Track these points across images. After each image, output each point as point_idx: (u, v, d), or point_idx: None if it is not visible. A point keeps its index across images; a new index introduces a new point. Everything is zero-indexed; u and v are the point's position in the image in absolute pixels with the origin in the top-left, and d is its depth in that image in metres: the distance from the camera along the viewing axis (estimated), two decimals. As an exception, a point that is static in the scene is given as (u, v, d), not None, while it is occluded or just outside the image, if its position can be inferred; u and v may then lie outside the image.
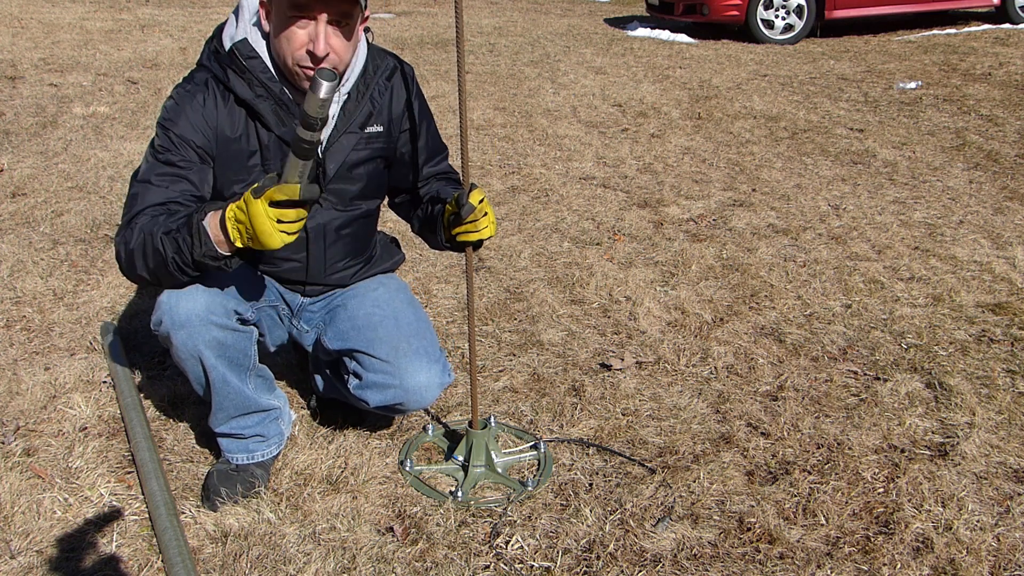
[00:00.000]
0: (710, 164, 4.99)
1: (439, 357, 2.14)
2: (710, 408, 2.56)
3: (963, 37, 9.03)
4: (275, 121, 1.96)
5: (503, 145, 5.32)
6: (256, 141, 1.99)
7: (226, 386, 2.01)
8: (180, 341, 1.90)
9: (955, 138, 5.49)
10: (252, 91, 1.94)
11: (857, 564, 1.92)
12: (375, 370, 2.10)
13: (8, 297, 3.17)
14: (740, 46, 8.93)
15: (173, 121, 1.92)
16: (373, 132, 2.10)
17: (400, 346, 2.09)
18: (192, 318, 1.88)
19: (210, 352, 1.93)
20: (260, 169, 2.00)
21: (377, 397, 2.12)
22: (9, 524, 1.99)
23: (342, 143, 2.06)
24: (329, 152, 2.05)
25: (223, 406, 2.05)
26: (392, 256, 2.38)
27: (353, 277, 2.26)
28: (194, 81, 1.98)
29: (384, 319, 2.13)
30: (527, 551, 1.96)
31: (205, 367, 1.95)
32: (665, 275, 3.49)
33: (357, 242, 2.23)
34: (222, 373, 1.98)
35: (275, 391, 2.20)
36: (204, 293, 1.90)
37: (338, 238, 2.17)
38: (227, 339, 1.95)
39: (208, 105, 1.95)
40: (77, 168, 4.64)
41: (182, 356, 1.94)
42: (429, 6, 12.39)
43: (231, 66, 1.93)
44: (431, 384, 2.10)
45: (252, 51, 1.93)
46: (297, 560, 1.91)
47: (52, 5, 10.68)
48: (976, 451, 2.32)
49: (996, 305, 3.21)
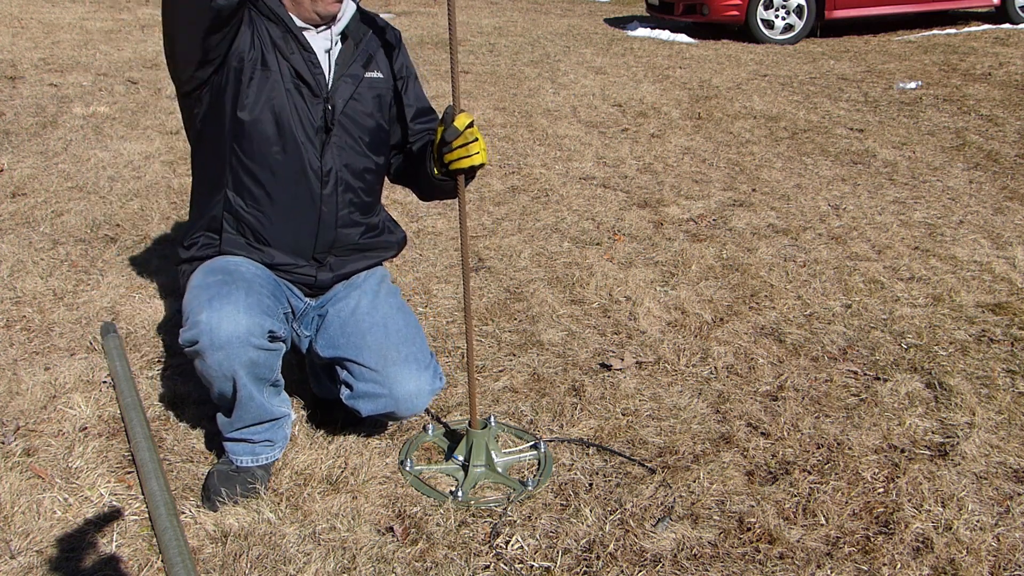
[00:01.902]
0: (710, 164, 4.99)
1: (429, 363, 2.14)
2: (710, 408, 2.56)
3: (963, 37, 9.03)
4: (284, 47, 2.03)
5: (503, 145, 5.32)
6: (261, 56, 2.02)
7: (251, 402, 2.03)
8: (216, 361, 1.91)
9: (955, 138, 5.49)
10: (265, 16, 2.01)
11: (857, 564, 1.92)
12: (364, 379, 2.10)
13: (8, 297, 3.17)
14: (740, 46, 8.93)
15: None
16: (374, 77, 2.16)
17: (389, 354, 2.09)
18: (233, 340, 1.89)
19: (244, 372, 1.94)
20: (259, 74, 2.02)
21: (368, 407, 2.12)
22: (9, 524, 1.99)
23: (346, 82, 2.10)
24: (335, 89, 2.08)
25: (242, 417, 2.06)
26: (395, 231, 2.38)
27: (361, 237, 2.23)
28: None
29: (373, 326, 2.13)
30: (527, 551, 1.96)
31: (236, 386, 1.97)
32: (665, 275, 3.49)
33: (365, 196, 2.22)
34: (250, 391, 2.00)
35: (283, 396, 2.19)
36: (245, 315, 1.90)
37: (348, 188, 2.16)
38: (260, 358, 1.96)
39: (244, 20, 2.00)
40: (77, 168, 4.64)
41: (214, 375, 1.94)
42: (429, 6, 12.39)
43: None
44: (421, 391, 2.10)
45: None
46: (297, 560, 1.91)
47: (52, 5, 10.68)
48: (976, 451, 2.32)
49: (996, 305, 3.21)
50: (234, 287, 1.94)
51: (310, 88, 2.05)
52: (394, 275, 3.41)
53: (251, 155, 2.05)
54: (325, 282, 2.22)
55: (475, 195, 4.38)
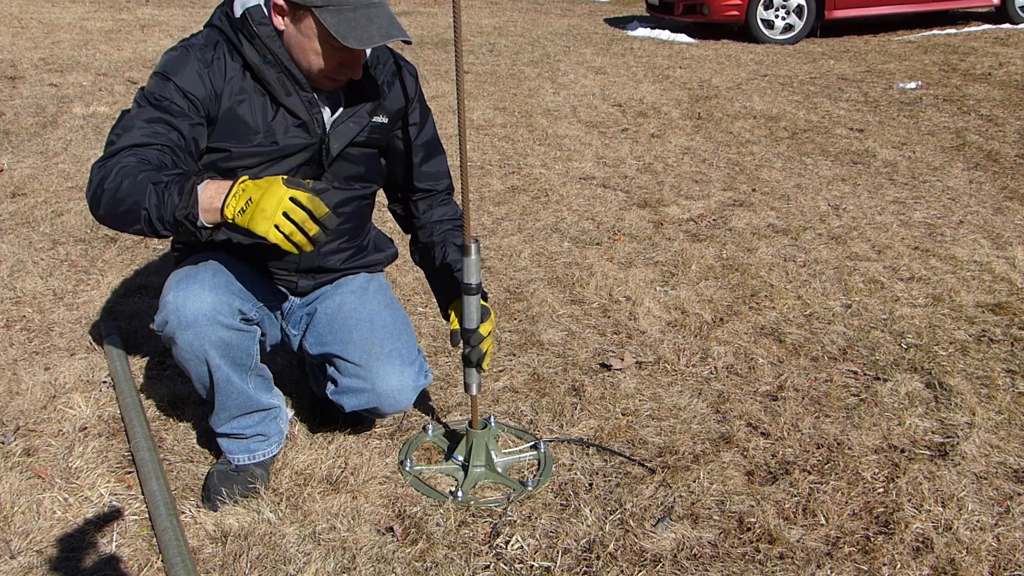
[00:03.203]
0: (710, 164, 4.99)
1: (415, 359, 2.13)
2: (710, 408, 2.55)
3: (963, 37, 9.03)
4: (280, 90, 1.95)
5: (503, 145, 5.32)
6: (260, 111, 1.96)
7: (229, 386, 2.00)
8: (186, 342, 1.89)
9: (955, 138, 5.49)
10: (260, 56, 1.91)
11: (857, 564, 1.92)
12: (349, 374, 2.09)
13: (8, 297, 3.17)
14: (740, 46, 8.93)
15: (175, 71, 1.87)
16: (378, 122, 2.11)
17: (373, 349, 2.08)
18: (199, 318, 1.87)
19: (215, 352, 1.92)
20: (263, 140, 1.96)
21: (351, 401, 2.11)
22: (9, 524, 1.99)
23: (349, 126, 2.05)
24: (334, 132, 2.04)
25: (226, 406, 2.05)
26: (384, 249, 2.37)
27: (344, 262, 2.23)
28: (202, 38, 1.94)
29: (359, 322, 2.12)
30: (527, 551, 1.96)
31: (210, 367, 1.95)
32: (665, 275, 3.49)
33: (352, 223, 2.21)
34: (226, 373, 1.97)
35: (274, 390, 2.19)
36: (210, 292, 1.88)
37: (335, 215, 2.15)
38: (232, 339, 1.94)
39: (215, 65, 1.91)
40: (77, 168, 4.64)
41: (187, 357, 1.93)
42: (429, 6, 12.39)
43: (242, 30, 1.91)
44: (404, 387, 2.09)
45: (264, 18, 1.90)
46: (297, 560, 1.91)
47: (52, 5, 10.68)
48: (976, 451, 2.32)
49: (996, 305, 3.21)
50: (203, 269, 1.92)
51: (306, 128, 2.00)
52: (394, 275, 3.41)
53: None
54: (307, 288, 2.23)
55: (475, 195, 4.37)
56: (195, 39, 1.95)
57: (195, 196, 1.65)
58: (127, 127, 1.81)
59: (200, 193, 1.66)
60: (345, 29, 1.81)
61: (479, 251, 1.99)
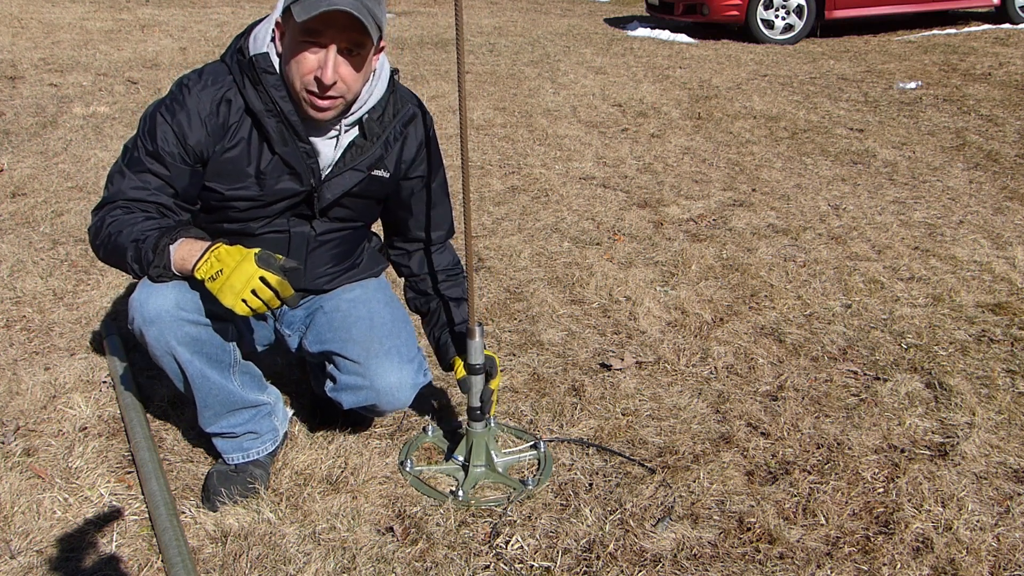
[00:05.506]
0: (710, 164, 4.99)
1: (414, 357, 2.13)
2: (710, 408, 2.56)
3: (963, 37, 9.03)
4: (278, 139, 1.94)
5: (503, 145, 5.32)
6: (256, 156, 1.96)
7: (206, 382, 1.99)
8: (152, 337, 1.90)
9: (955, 138, 5.49)
10: (262, 103, 1.92)
11: (857, 564, 1.92)
12: (348, 371, 2.09)
13: (8, 297, 3.17)
14: (740, 46, 8.94)
15: (174, 111, 1.91)
16: (378, 176, 2.09)
17: (372, 347, 2.08)
18: (162, 314, 1.87)
19: (184, 348, 1.91)
20: (255, 184, 1.98)
21: (350, 399, 2.11)
22: (9, 524, 1.99)
23: (345, 178, 2.04)
24: (328, 184, 2.03)
25: (207, 403, 2.03)
26: (376, 264, 2.34)
27: (332, 282, 2.22)
28: (211, 74, 1.96)
29: (359, 320, 2.12)
30: (527, 551, 1.96)
31: (180, 363, 1.94)
32: (665, 275, 3.49)
33: (342, 249, 2.20)
34: (199, 368, 1.96)
35: (266, 388, 2.19)
36: (174, 289, 1.88)
37: (320, 245, 2.14)
38: (201, 335, 1.93)
39: (219, 108, 1.93)
40: (77, 168, 4.64)
41: (156, 353, 1.93)
42: (429, 6, 12.40)
43: (248, 74, 1.92)
44: (403, 384, 2.08)
45: (270, 65, 1.91)
46: (297, 560, 1.91)
47: (52, 5, 10.68)
48: (976, 451, 2.32)
49: (996, 305, 3.21)
50: None
51: (299, 177, 1.99)
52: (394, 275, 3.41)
53: (224, 218, 2.04)
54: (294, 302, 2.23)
55: (475, 195, 4.38)
56: (206, 74, 1.96)
57: (167, 256, 1.83)
58: (124, 173, 1.94)
59: (172, 253, 1.83)
60: (301, 8, 1.80)
61: (483, 334, 2.10)
